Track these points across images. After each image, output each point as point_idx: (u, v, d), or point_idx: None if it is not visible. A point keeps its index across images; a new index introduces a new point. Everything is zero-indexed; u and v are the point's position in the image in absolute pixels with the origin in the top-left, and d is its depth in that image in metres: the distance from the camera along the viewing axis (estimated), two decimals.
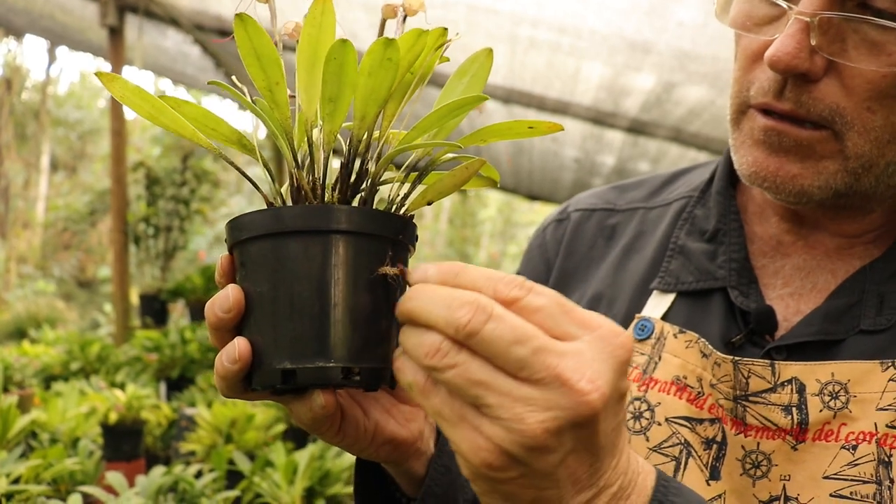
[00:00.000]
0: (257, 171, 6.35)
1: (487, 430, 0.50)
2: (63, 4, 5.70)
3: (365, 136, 0.61)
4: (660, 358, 0.83)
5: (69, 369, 4.96)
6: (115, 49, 5.10)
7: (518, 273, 1.05)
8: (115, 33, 5.07)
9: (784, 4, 0.70)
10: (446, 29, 0.60)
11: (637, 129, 5.22)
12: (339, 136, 0.62)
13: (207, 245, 10.72)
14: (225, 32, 5.17)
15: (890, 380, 0.72)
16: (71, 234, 13.39)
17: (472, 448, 0.51)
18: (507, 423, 0.49)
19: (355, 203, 0.61)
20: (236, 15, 0.55)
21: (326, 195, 0.61)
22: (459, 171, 0.62)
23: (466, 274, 0.54)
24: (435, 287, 0.53)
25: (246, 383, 0.61)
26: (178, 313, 6.61)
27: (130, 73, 5.64)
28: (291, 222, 0.58)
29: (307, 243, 0.58)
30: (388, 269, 0.59)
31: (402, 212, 0.63)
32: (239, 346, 0.59)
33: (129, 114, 5.97)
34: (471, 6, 4.02)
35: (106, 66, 6.05)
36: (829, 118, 0.71)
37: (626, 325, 0.89)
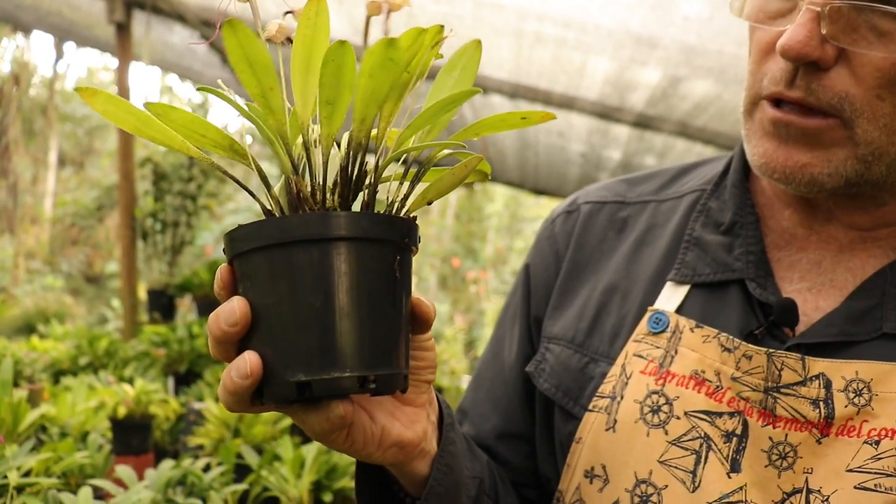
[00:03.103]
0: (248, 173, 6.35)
1: None
2: (70, 1, 5.71)
3: (364, 137, 0.60)
4: (676, 352, 0.83)
5: (78, 364, 4.99)
6: (123, 45, 5.11)
7: (527, 263, 1.05)
8: (123, 29, 5.08)
9: None
10: (443, 26, 0.59)
11: (643, 123, 5.20)
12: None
13: (214, 240, 10.74)
14: None
15: None
16: (79, 230, 13.42)
17: None
18: None
19: (356, 206, 0.60)
20: (226, 21, 0.53)
21: (327, 200, 0.60)
22: (458, 169, 0.62)
23: None
24: None
25: (256, 397, 0.60)
26: (186, 308, 6.63)
27: (137, 69, 5.65)
28: (298, 231, 0.57)
29: (314, 252, 0.57)
30: (396, 273, 0.59)
31: (402, 213, 0.63)
32: (250, 360, 0.58)
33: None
34: (477, 1, 4.02)
35: (113, 62, 6.06)
36: (839, 106, 0.72)
37: (640, 317, 0.89)
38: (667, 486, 0.79)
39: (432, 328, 0.68)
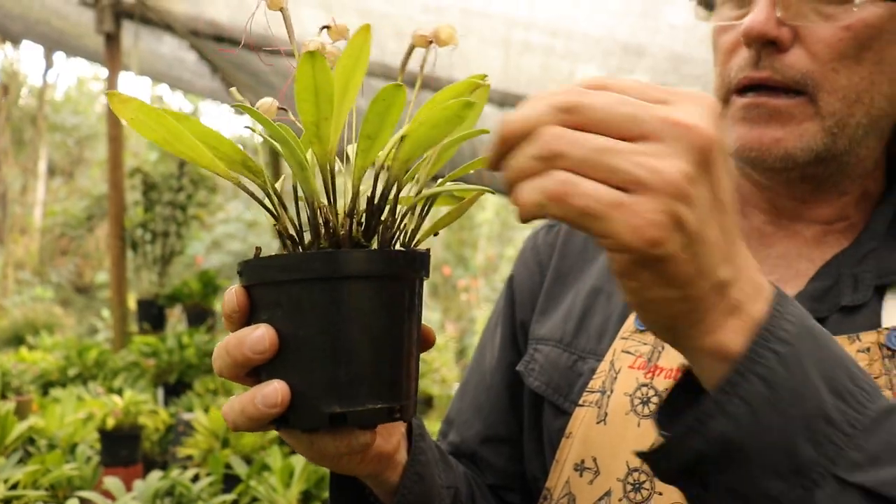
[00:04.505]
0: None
1: (637, 205, 0.46)
2: (59, 10, 5.71)
3: (401, 174, 0.61)
4: (663, 347, 0.86)
5: (67, 375, 4.97)
6: (112, 55, 5.12)
7: (512, 275, 1.08)
8: (112, 39, 5.08)
9: None
10: (486, 75, 0.60)
11: None
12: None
13: (205, 250, 10.73)
14: (219, 38, 5.18)
15: (858, 351, 0.78)
16: (68, 240, 13.40)
17: (631, 229, 0.46)
18: (648, 184, 0.46)
19: (376, 240, 0.62)
20: (308, 52, 0.53)
21: (353, 231, 0.61)
22: (466, 203, 0.66)
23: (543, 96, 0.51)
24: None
25: (276, 424, 0.60)
26: (176, 318, 6.63)
27: (127, 79, 5.66)
28: (345, 267, 0.58)
29: (352, 288, 0.58)
30: (414, 304, 0.62)
31: (412, 244, 0.65)
32: (281, 390, 0.58)
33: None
34: (464, 10, 4.04)
35: (103, 72, 6.06)
36: (802, 82, 0.80)
37: (625, 316, 0.92)
38: None
39: None
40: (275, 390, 0.58)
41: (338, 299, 0.58)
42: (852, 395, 0.53)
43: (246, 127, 0.63)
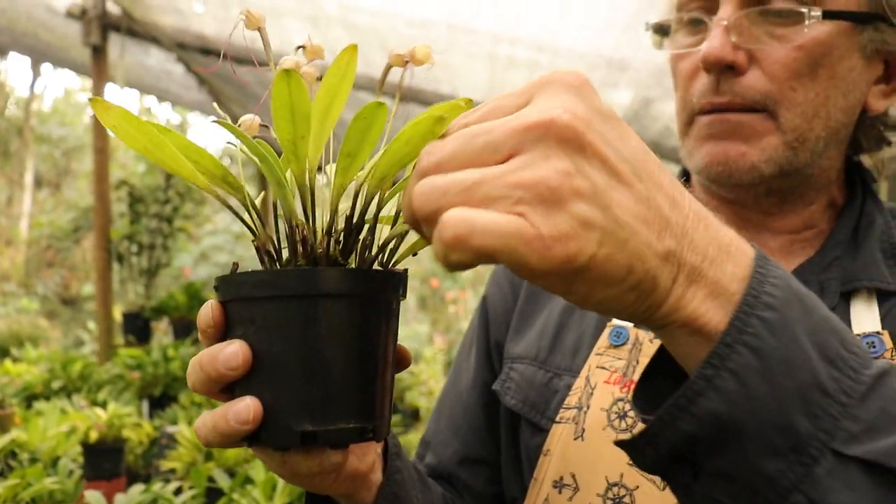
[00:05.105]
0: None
1: (534, 227, 0.43)
2: (46, 23, 5.71)
3: (378, 192, 0.61)
4: (638, 362, 0.87)
5: (51, 388, 4.94)
6: (98, 67, 5.12)
7: (485, 296, 1.09)
8: (99, 52, 5.08)
9: (706, 18, 0.87)
10: (471, 100, 0.58)
11: None
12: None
13: (193, 262, 10.69)
14: (206, 51, 5.18)
15: None
16: (55, 252, 13.32)
17: (539, 256, 0.43)
18: (531, 199, 0.43)
19: (354, 259, 0.62)
20: (283, 70, 0.53)
21: (331, 249, 0.61)
22: None
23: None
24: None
25: (247, 440, 0.60)
26: (162, 331, 6.60)
27: (113, 91, 5.65)
28: (320, 285, 0.57)
29: (327, 306, 0.57)
30: (390, 323, 0.61)
31: (392, 263, 0.64)
32: (253, 407, 0.58)
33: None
34: (450, 25, 4.07)
35: (89, 84, 6.06)
36: (762, 102, 0.84)
37: (599, 332, 0.93)
38: (638, 486, 0.81)
39: (412, 347, 0.69)
40: (247, 407, 0.57)
41: (312, 317, 0.57)
42: (845, 361, 0.50)
43: (227, 142, 0.63)
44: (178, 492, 2.51)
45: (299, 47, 0.64)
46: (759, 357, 0.47)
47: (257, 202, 0.64)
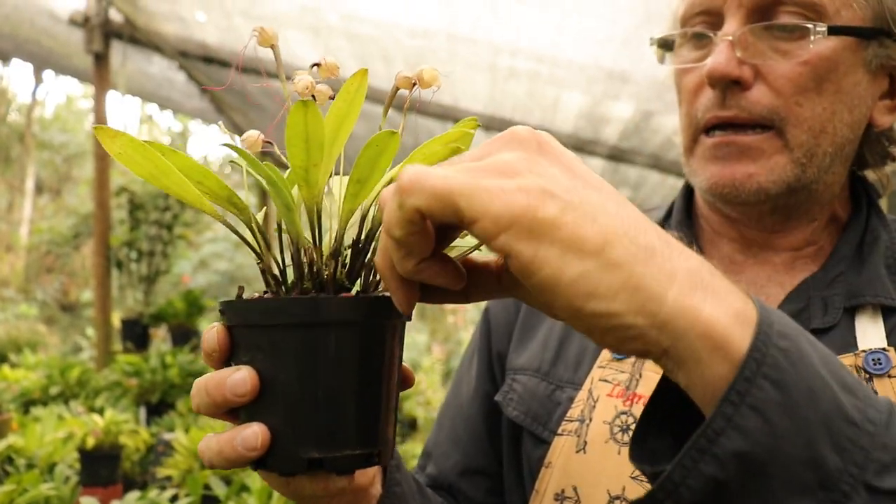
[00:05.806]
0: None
1: (500, 185, 0.45)
2: (49, 30, 5.73)
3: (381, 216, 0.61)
4: (640, 375, 0.87)
5: (49, 394, 4.93)
6: (100, 74, 5.13)
7: (487, 307, 1.08)
8: (101, 59, 5.10)
9: (710, 33, 0.86)
10: (476, 120, 0.61)
11: (617, 156, 5.28)
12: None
13: (192, 269, 10.69)
14: (208, 59, 5.20)
15: None
16: (54, 258, 13.32)
17: (502, 203, 0.44)
18: (481, 167, 0.47)
19: (360, 282, 0.62)
20: (300, 101, 0.53)
21: (337, 272, 0.61)
22: (449, 249, 0.65)
23: None
24: None
25: (253, 465, 0.60)
26: (160, 338, 6.59)
27: (115, 98, 5.67)
28: (329, 314, 0.57)
29: (339, 334, 0.58)
30: (395, 348, 0.61)
31: None
32: (261, 435, 0.57)
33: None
34: (451, 36, 4.08)
35: (91, 91, 6.07)
36: (769, 117, 0.83)
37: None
38: None
39: (410, 357, 0.69)
40: (255, 434, 0.57)
41: (319, 345, 0.57)
42: (861, 388, 0.47)
43: (231, 161, 0.63)
44: (174, 499, 2.51)
45: (314, 65, 0.63)
46: (781, 389, 0.44)
47: (259, 217, 0.64)
